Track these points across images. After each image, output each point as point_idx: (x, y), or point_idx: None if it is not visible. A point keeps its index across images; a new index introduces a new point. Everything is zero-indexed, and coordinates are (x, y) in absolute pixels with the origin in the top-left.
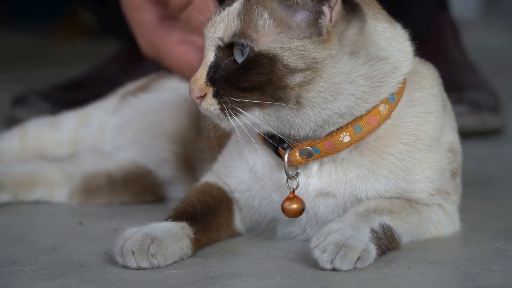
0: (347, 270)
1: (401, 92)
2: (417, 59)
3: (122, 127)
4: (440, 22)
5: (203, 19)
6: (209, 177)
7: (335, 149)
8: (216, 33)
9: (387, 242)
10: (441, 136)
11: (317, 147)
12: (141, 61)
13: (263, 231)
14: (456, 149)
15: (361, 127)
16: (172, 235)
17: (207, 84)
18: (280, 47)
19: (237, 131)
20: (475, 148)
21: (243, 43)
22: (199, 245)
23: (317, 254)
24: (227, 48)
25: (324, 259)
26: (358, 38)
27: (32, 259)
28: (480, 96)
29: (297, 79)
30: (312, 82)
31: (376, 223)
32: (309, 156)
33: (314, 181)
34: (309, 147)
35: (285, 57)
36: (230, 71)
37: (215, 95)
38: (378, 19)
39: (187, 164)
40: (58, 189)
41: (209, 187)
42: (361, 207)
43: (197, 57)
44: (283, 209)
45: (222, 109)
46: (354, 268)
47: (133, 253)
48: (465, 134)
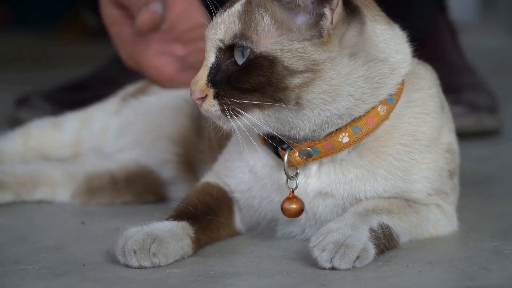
0: (346, 269)
1: (399, 93)
2: (416, 60)
3: (124, 128)
4: (438, 24)
5: (187, 26)
6: (209, 177)
7: (334, 150)
8: (217, 34)
9: (385, 242)
10: (439, 137)
11: (316, 148)
12: None
13: (263, 230)
14: (454, 150)
15: (360, 127)
16: (173, 234)
17: (208, 86)
18: (281, 49)
19: (237, 132)
20: (473, 149)
21: (243, 45)
22: (199, 244)
23: (316, 253)
24: (227, 49)
25: (323, 258)
26: (357, 40)
27: (35, 258)
28: (477, 97)
29: (297, 80)
30: (312, 84)
31: (374, 222)
32: (308, 157)
33: (313, 181)
34: (308, 148)
35: (285, 59)
36: (231, 72)
37: (216, 96)
38: (377, 21)
39: (188, 164)
40: (61, 189)
41: (210, 187)
42: (360, 207)
43: (174, 67)
44: (283, 209)
45: (222, 110)
46: (353, 267)
47: (134, 252)
48: (463, 135)
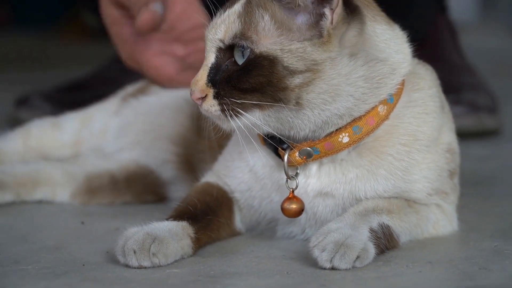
0: (346, 269)
1: (399, 93)
2: (416, 60)
3: (124, 129)
4: (438, 24)
5: (187, 26)
6: (209, 177)
7: (334, 150)
8: (216, 34)
9: (385, 242)
10: (439, 137)
11: (316, 148)
12: None
13: (263, 230)
14: (454, 150)
15: (360, 127)
16: (173, 234)
17: (208, 86)
18: (280, 49)
19: (237, 132)
20: (473, 149)
21: (243, 45)
22: (199, 244)
23: (316, 253)
24: (227, 49)
25: (323, 258)
26: (357, 40)
27: (35, 258)
28: (478, 97)
29: (297, 80)
30: (312, 84)
31: (375, 222)
32: (308, 157)
33: (313, 181)
34: (308, 148)
35: (285, 59)
36: (231, 72)
37: (216, 96)
38: (377, 21)
39: (188, 164)
40: (61, 189)
41: (210, 187)
42: (360, 206)
43: (174, 67)
44: (283, 209)
45: (222, 110)
46: (353, 267)
47: (134, 252)
48: (463, 135)
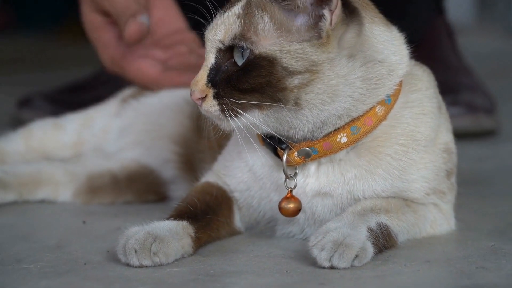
0: (344, 268)
1: (397, 94)
2: (413, 61)
3: (125, 129)
4: (435, 25)
5: (165, 31)
6: (209, 177)
7: (333, 150)
8: (216, 35)
9: (384, 241)
10: (436, 137)
11: (315, 148)
12: None
13: (262, 230)
14: (451, 150)
15: (358, 128)
16: (174, 233)
17: (207, 86)
18: (280, 50)
19: (236, 132)
20: (470, 149)
21: (243, 46)
22: (200, 243)
23: (315, 252)
24: (227, 50)
25: (322, 257)
26: (356, 41)
27: (37, 257)
28: (475, 98)
29: (296, 81)
30: (311, 84)
31: (373, 222)
32: (307, 157)
33: (312, 181)
34: (307, 148)
35: (285, 60)
36: (231, 73)
37: (216, 96)
38: (375, 23)
39: (188, 164)
40: (63, 188)
41: (209, 186)
42: (358, 206)
43: (157, 69)
44: (281, 209)
45: (222, 110)
46: (352, 266)
47: (135, 251)
48: (460, 135)
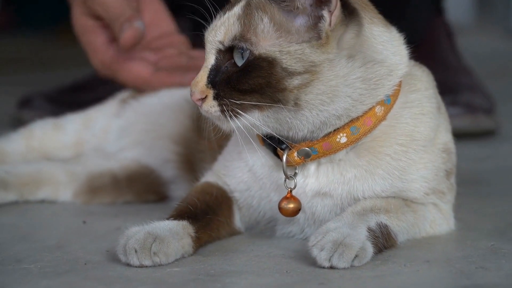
0: (344, 268)
1: (396, 94)
2: (412, 62)
3: (125, 129)
4: (434, 26)
5: (155, 34)
6: (209, 177)
7: (332, 150)
8: (216, 36)
9: (383, 241)
10: (435, 137)
11: (314, 148)
12: None
13: (262, 230)
14: (450, 150)
15: (358, 128)
16: (174, 233)
17: (207, 87)
18: (279, 51)
19: (236, 132)
20: (469, 149)
21: (243, 47)
22: (200, 243)
23: (315, 252)
24: (227, 51)
25: (322, 257)
26: (355, 41)
27: (37, 257)
28: (474, 98)
29: (295, 81)
30: (310, 85)
31: (373, 222)
32: (306, 157)
33: (311, 181)
34: (306, 148)
35: (284, 61)
36: (230, 74)
37: (216, 97)
38: (374, 23)
39: (189, 164)
40: (63, 188)
41: (210, 186)
42: (358, 206)
43: (148, 70)
44: (280, 209)
45: (222, 111)
46: (352, 266)
47: (135, 251)
48: (459, 135)
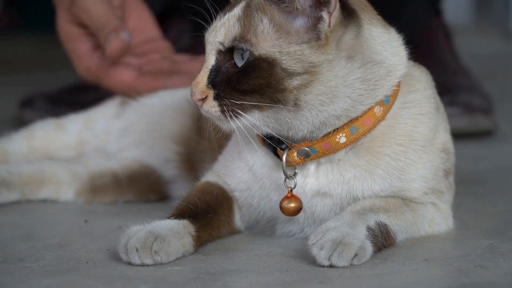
0: (344, 267)
1: (395, 94)
2: (411, 62)
3: (126, 129)
4: (433, 27)
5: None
6: (209, 176)
7: (332, 150)
8: (216, 37)
9: (382, 240)
10: (434, 137)
11: (314, 148)
12: None
13: (262, 229)
14: (449, 150)
15: (357, 128)
16: (175, 232)
17: (208, 87)
18: (279, 52)
19: (237, 132)
20: (468, 149)
21: (243, 48)
22: (200, 242)
23: (315, 251)
24: (227, 52)
25: (321, 256)
26: (354, 42)
27: (39, 256)
28: (472, 99)
29: (295, 82)
30: (310, 85)
31: (372, 221)
32: (306, 157)
33: (311, 181)
34: (306, 148)
35: (284, 61)
36: (231, 74)
37: (216, 97)
38: (373, 24)
39: (190, 163)
40: (65, 188)
41: (210, 186)
42: (357, 205)
43: (132, 75)
44: (281, 208)
45: (222, 111)
46: (351, 265)
47: (137, 250)
48: (458, 135)
